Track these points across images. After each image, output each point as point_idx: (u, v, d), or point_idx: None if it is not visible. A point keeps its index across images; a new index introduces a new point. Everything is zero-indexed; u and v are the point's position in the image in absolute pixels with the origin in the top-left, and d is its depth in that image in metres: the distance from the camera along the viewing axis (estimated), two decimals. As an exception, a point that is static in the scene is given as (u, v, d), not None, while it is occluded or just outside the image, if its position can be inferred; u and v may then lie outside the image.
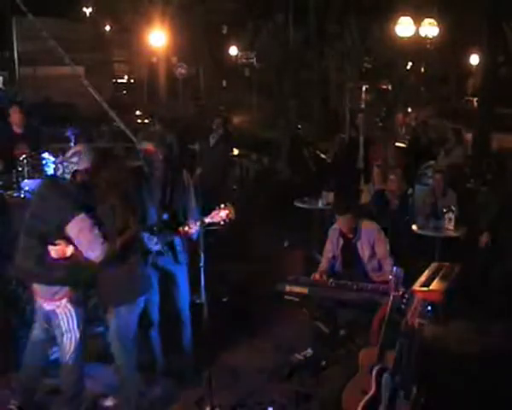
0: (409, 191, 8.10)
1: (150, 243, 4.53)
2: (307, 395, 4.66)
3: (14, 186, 6.32)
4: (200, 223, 4.40)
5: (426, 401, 4.16)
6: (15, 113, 6.96)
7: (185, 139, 9.66)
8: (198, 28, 24.52)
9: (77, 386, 4.18)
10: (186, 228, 4.58)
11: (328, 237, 5.69)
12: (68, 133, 7.40)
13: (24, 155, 6.43)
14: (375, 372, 4.02)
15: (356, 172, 9.85)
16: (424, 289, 4.97)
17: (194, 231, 4.55)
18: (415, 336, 4.12)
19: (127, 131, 9.08)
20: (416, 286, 5.00)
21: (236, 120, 20.74)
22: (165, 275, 4.75)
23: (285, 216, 8.50)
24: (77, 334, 4.09)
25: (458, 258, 5.87)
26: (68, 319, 4.06)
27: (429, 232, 6.72)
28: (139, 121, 18.00)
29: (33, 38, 15.27)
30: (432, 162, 9.83)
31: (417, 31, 15.45)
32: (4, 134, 6.95)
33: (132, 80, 33.47)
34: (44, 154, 6.63)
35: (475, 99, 18.98)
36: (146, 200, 4.59)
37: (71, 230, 3.88)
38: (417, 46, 16.58)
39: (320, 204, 7.92)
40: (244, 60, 25.10)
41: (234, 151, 12.34)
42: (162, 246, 4.57)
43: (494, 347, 5.35)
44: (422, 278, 5.19)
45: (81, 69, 11.87)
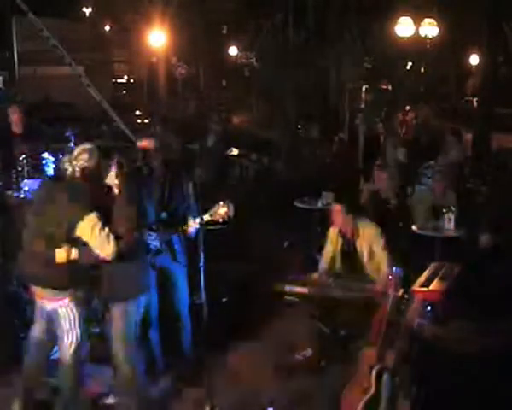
0: (408, 191, 8.11)
1: (149, 242, 4.52)
2: (307, 395, 4.66)
3: (14, 186, 6.32)
4: (199, 221, 4.38)
5: (426, 401, 4.17)
6: (15, 113, 6.95)
7: (185, 139, 9.64)
8: (198, 28, 24.52)
9: (77, 386, 4.18)
10: (185, 227, 4.58)
11: (328, 237, 5.70)
12: (68, 133, 7.40)
13: (24, 155, 6.43)
14: (375, 372, 4.02)
15: (355, 172, 9.86)
16: (424, 289, 4.98)
17: (192, 230, 4.55)
18: (415, 336, 4.13)
19: (127, 130, 9.08)
20: (416, 286, 5.01)
21: (236, 120, 20.75)
22: (163, 275, 4.75)
23: (285, 216, 8.49)
24: (78, 334, 4.09)
25: (458, 258, 5.87)
26: (70, 319, 4.05)
27: (429, 232, 6.71)
28: (139, 121, 18.00)
29: (33, 38, 15.25)
30: (432, 162, 9.82)
31: (417, 31, 15.48)
32: (4, 134, 6.95)
33: (132, 80, 33.52)
34: (44, 154, 6.64)
35: (475, 99, 19.01)
36: (144, 199, 4.59)
37: (83, 230, 3.85)
38: (417, 46, 16.61)
39: (320, 204, 7.91)
40: (244, 60, 25.13)
41: (234, 151, 12.34)
42: (161, 245, 4.57)
43: (494, 347, 5.34)
44: (422, 278, 5.20)
45: (81, 69, 11.84)
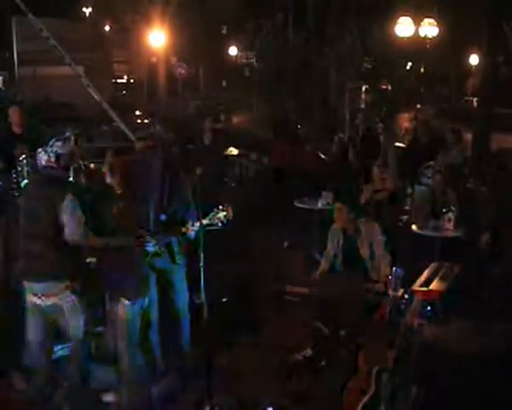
0: (408, 191, 8.10)
1: (147, 244, 4.52)
2: (307, 395, 4.66)
3: (14, 186, 6.32)
4: (198, 223, 4.38)
5: (426, 402, 4.17)
6: (15, 113, 6.95)
7: (185, 139, 9.64)
8: (198, 28, 24.55)
9: (79, 381, 4.19)
10: (184, 229, 4.58)
11: (328, 237, 5.69)
12: (68, 133, 7.39)
13: (24, 155, 6.42)
14: (375, 372, 4.02)
15: (355, 171, 9.84)
16: (424, 289, 4.98)
17: (192, 232, 4.55)
18: (414, 336, 4.12)
19: (127, 130, 9.09)
20: (416, 286, 5.01)
21: (236, 120, 20.76)
22: (162, 276, 4.74)
23: (285, 216, 8.50)
24: (81, 326, 4.11)
25: (458, 258, 5.87)
26: (72, 310, 4.08)
27: (429, 232, 6.71)
28: (139, 121, 18.00)
29: (33, 38, 15.24)
30: (431, 162, 9.82)
31: (417, 31, 15.50)
32: (4, 134, 6.94)
33: (132, 80, 33.53)
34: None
35: (475, 99, 19.02)
36: (143, 200, 4.59)
37: (65, 209, 3.99)
38: (417, 46, 16.62)
39: (320, 204, 7.91)
40: (244, 60, 25.15)
41: (233, 151, 12.34)
42: (160, 247, 4.56)
43: (494, 347, 5.35)
44: (422, 278, 5.20)
45: (81, 69, 11.87)
